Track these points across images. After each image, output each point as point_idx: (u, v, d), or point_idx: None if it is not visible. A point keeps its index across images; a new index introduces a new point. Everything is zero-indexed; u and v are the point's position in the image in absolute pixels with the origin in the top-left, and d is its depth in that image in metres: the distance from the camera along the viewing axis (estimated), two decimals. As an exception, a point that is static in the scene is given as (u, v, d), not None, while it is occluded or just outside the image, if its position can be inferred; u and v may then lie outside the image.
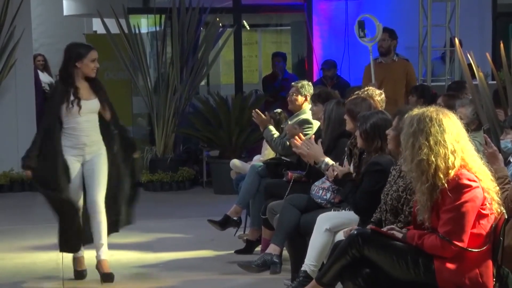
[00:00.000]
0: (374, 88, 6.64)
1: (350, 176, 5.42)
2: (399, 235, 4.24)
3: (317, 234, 5.37)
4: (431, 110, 4.12)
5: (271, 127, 7.27)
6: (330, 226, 5.35)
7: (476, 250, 4.05)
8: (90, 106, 6.12)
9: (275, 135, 7.18)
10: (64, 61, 6.14)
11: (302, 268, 5.36)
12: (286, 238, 5.87)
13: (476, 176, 4.06)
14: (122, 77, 11.86)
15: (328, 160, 5.72)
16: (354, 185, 5.30)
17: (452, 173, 4.02)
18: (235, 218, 7.11)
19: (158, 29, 11.78)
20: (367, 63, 9.30)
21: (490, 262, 4.11)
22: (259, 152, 8.05)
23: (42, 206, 6.40)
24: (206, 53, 10.90)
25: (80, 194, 6.16)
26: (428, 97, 7.96)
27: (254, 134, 10.13)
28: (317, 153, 5.76)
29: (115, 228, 6.36)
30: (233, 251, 7.06)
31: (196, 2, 10.74)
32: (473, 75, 6.77)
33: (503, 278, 4.20)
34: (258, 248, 6.86)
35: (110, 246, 6.25)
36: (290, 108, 7.58)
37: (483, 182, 4.07)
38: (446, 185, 4.01)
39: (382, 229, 4.41)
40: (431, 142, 4.03)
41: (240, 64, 11.90)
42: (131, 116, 12.00)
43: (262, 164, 7.18)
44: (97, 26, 13.79)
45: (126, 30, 10.67)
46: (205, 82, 13.09)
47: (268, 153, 7.65)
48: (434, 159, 4.02)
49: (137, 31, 10.80)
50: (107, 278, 6.12)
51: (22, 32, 10.55)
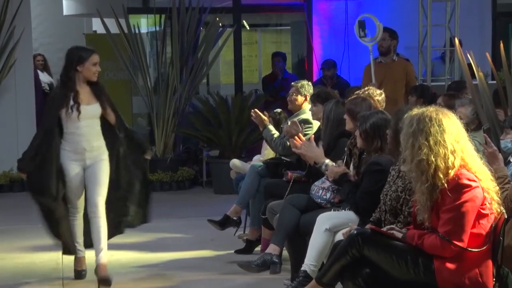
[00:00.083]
0: (374, 88, 6.64)
1: (347, 176, 5.42)
2: (399, 235, 4.24)
3: (317, 234, 5.36)
4: (431, 110, 4.12)
5: (271, 127, 7.24)
6: (330, 226, 5.34)
7: (476, 250, 4.05)
8: (90, 112, 6.02)
9: (275, 135, 7.17)
10: (65, 65, 6.03)
11: (302, 268, 5.35)
12: (286, 238, 5.87)
13: (476, 176, 4.06)
14: (122, 77, 11.86)
15: (328, 161, 5.72)
16: (354, 185, 5.30)
17: (452, 173, 4.02)
18: (235, 218, 7.11)
19: (158, 29, 11.78)
20: (367, 63, 9.31)
21: (490, 262, 4.11)
22: (259, 152, 8.04)
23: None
24: (206, 53, 10.90)
25: (81, 198, 6.13)
26: (427, 97, 7.96)
27: (254, 134, 10.13)
28: (317, 154, 5.77)
29: (119, 229, 6.34)
30: (233, 251, 7.05)
31: (196, 2, 10.74)
32: (473, 75, 6.78)
33: (503, 278, 4.20)
34: (258, 248, 6.86)
35: (110, 246, 6.24)
36: (290, 108, 7.57)
37: (483, 182, 4.07)
38: (446, 185, 4.01)
39: (382, 229, 4.41)
40: (431, 142, 4.03)
41: (240, 64, 11.90)
42: (131, 116, 11.99)
43: (262, 164, 7.17)
44: (97, 26, 13.79)
45: (126, 30, 10.66)
46: (205, 82, 13.09)
47: (268, 153, 7.65)
48: (434, 159, 4.02)
49: (137, 31, 10.80)
50: (104, 283, 6.04)
51: (22, 32, 10.54)
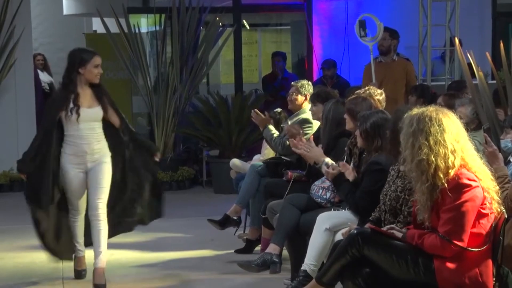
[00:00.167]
0: (374, 87, 6.64)
1: (341, 177, 5.41)
2: (399, 235, 4.24)
3: (317, 233, 5.36)
4: (431, 109, 4.11)
5: (271, 127, 7.24)
6: (330, 225, 5.34)
7: (476, 250, 4.05)
8: (90, 114, 5.94)
9: (275, 135, 7.16)
10: (67, 66, 5.97)
11: (302, 267, 5.35)
12: (286, 237, 5.87)
13: (476, 175, 4.06)
14: (122, 76, 11.85)
15: (328, 160, 5.72)
16: (353, 184, 5.30)
17: (452, 172, 4.02)
18: (235, 218, 7.11)
19: (158, 28, 11.77)
20: (367, 63, 9.31)
21: (490, 262, 4.11)
22: (259, 151, 8.04)
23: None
24: (206, 52, 10.90)
25: (83, 200, 6.09)
26: (427, 96, 7.96)
27: (254, 133, 10.13)
28: (317, 154, 5.77)
29: (127, 227, 6.33)
30: (233, 251, 7.05)
31: (196, 2, 10.73)
32: (473, 75, 6.78)
33: (503, 277, 4.20)
34: (258, 247, 6.86)
35: (110, 246, 6.23)
36: (290, 107, 7.57)
37: (483, 182, 4.07)
38: (446, 184, 4.01)
39: (382, 228, 4.41)
40: (431, 142, 4.03)
41: (240, 63, 11.90)
42: (131, 115, 11.99)
43: (262, 163, 7.17)
44: (97, 25, 13.78)
45: (126, 30, 10.66)
46: (205, 81, 13.09)
47: (268, 152, 7.65)
48: (434, 159, 4.01)
49: (137, 31, 10.80)
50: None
51: (22, 31, 10.54)
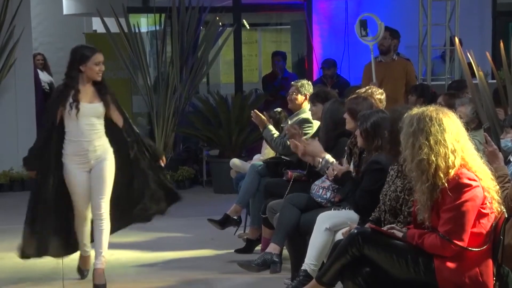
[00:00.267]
0: (375, 87, 6.64)
1: (350, 174, 5.42)
2: (399, 234, 4.24)
3: (317, 233, 5.36)
4: (431, 109, 4.11)
5: (271, 127, 7.23)
6: (330, 225, 5.34)
7: (476, 249, 4.04)
8: (90, 110, 5.90)
9: (275, 135, 7.16)
10: (68, 64, 5.96)
11: (302, 267, 5.36)
12: (286, 237, 5.87)
13: (476, 175, 4.06)
14: (121, 76, 11.85)
15: (328, 157, 5.73)
16: (354, 184, 5.30)
17: (452, 172, 4.02)
18: (235, 217, 7.11)
19: (158, 28, 11.77)
20: (367, 62, 9.30)
21: (490, 261, 4.11)
22: (259, 151, 8.04)
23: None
24: (206, 52, 10.89)
25: (87, 203, 6.02)
26: (427, 96, 7.96)
27: (254, 133, 10.12)
28: (316, 149, 5.78)
29: (143, 218, 6.30)
30: (233, 250, 7.05)
31: (196, 1, 10.72)
32: (473, 74, 6.78)
33: (503, 277, 4.20)
34: (258, 247, 6.86)
35: (110, 246, 6.21)
36: (290, 107, 7.56)
37: (483, 181, 4.07)
38: (446, 184, 4.01)
39: (382, 228, 4.41)
40: (431, 141, 4.03)
41: (240, 63, 11.89)
42: (131, 115, 11.97)
43: (262, 163, 7.17)
44: (96, 25, 13.77)
45: (126, 29, 10.65)
46: (205, 81, 13.09)
47: (268, 152, 7.64)
48: (434, 159, 4.01)
49: (136, 30, 10.79)
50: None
51: (22, 31, 10.53)
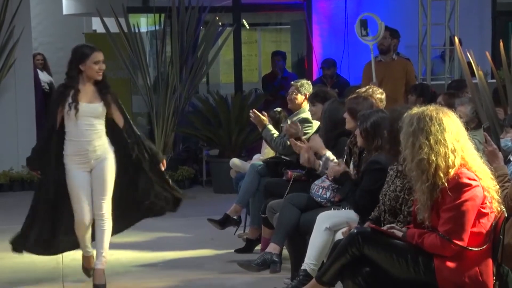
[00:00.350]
0: (375, 86, 6.64)
1: (347, 175, 5.42)
2: (399, 234, 4.23)
3: (317, 233, 5.36)
4: (431, 109, 4.11)
5: (270, 127, 7.21)
6: (330, 225, 5.34)
7: (476, 249, 4.04)
8: (89, 110, 5.85)
9: (275, 135, 7.15)
10: (68, 64, 5.93)
11: (302, 267, 5.35)
12: (286, 237, 5.87)
13: (476, 174, 4.06)
14: (121, 76, 11.83)
15: (329, 154, 5.74)
16: (354, 183, 5.30)
17: (452, 172, 4.02)
18: (235, 217, 7.11)
19: (157, 28, 11.77)
20: (366, 62, 9.30)
21: (490, 261, 4.10)
22: (259, 151, 8.04)
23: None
24: (205, 52, 10.88)
25: (88, 206, 5.96)
26: (427, 96, 7.96)
27: (254, 133, 10.11)
28: (318, 144, 5.80)
29: (158, 212, 6.34)
30: (233, 250, 7.06)
31: (195, 1, 10.71)
32: (472, 74, 6.78)
33: (503, 276, 4.20)
34: (258, 247, 6.86)
35: (110, 246, 6.20)
36: (289, 107, 7.56)
37: (483, 181, 4.07)
38: (446, 184, 4.01)
39: (382, 227, 4.41)
40: (432, 141, 4.02)
41: (239, 63, 11.89)
42: (131, 115, 11.96)
43: (261, 163, 7.17)
44: (96, 25, 13.78)
45: (126, 29, 10.64)
46: (204, 81, 13.08)
47: (267, 152, 7.64)
48: (434, 158, 4.01)
49: (136, 30, 10.78)
50: None
51: (22, 31, 10.53)
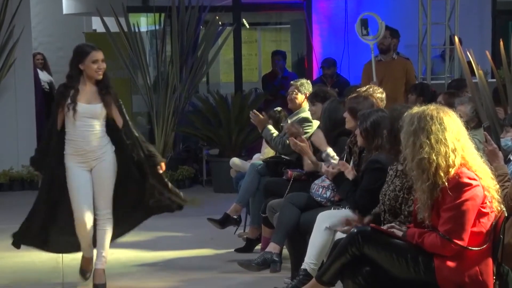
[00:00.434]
0: (375, 86, 6.64)
1: (343, 176, 5.41)
2: (399, 233, 4.23)
3: (317, 232, 5.36)
4: (432, 108, 4.11)
5: (270, 127, 7.22)
6: (330, 224, 5.33)
7: (476, 249, 4.04)
8: (88, 110, 5.81)
9: (274, 134, 7.15)
10: (69, 63, 5.91)
11: (302, 266, 5.35)
12: (286, 236, 5.87)
13: (476, 174, 4.06)
14: (121, 75, 11.83)
15: (330, 150, 5.75)
16: (353, 183, 5.29)
17: (452, 171, 4.02)
18: (235, 217, 7.11)
19: (157, 27, 11.76)
20: (366, 61, 9.30)
21: (490, 260, 4.10)
22: (259, 150, 8.03)
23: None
24: (205, 51, 10.88)
25: (89, 207, 5.91)
26: (427, 95, 7.96)
27: (254, 132, 10.10)
28: (320, 140, 5.84)
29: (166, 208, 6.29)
30: (233, 250, 7.05)
31: (195, 1, 10.71)
32: (472, 73, 6.78)
33: (503, 276, 4.20)
34: (258, 246, 6.86)
35: (110, 245, 6.21)
36: (289, 106, 7.56)
37: (483, 180, 4.07)
38: (446, 183, 4.00)
39: (382, 227, 4.41)
40: (432, 140, 4.02)
41: (239, 62, 11.89)
42: (131, 114, 11.95)
43: (261, 162, 7.17)
44: (96, 24, 13.77)
45: (126, 29, 10.64)
46: (204, 80, 13.08)
47: (268, 151, 7.64)
48: (435, 158, 4.01)
49: (136, 30, 10.78)
50: None
51: (22, 30, 10.52)
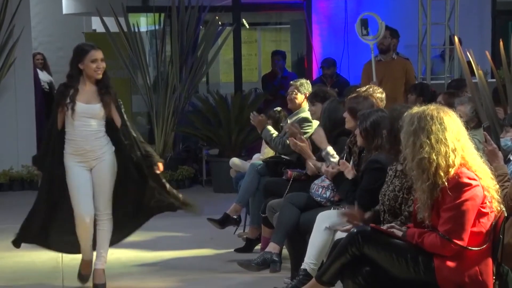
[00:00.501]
0: (375, 86, 6.64)
1: (342, 176, 5.41)
2: (399, 233, 4.23)
3: (316, 232, 5.36)
4: (432, 108, 4.11)
5: (269, 127, 7.22)
6: (330, 224, 5.33)
7: (476, 249, 4.04)
8: (86, 110, 5.79)
9: (274, 135, 7.16)
10: (69, 63, 5.90)
11: (302, 266, 5.35)
12: (286, 236, 5.87)
13: (476, 174, 4.06)
14: (121, 75, 11.83)
15: (330, 149, 5.75)
16: (353, 183, 5.30)
17: (452, 171, 4.02)
18: (235, 217, 7.11)
19: (157, 27, 11.76)
20: (366, 61, 9.30)
21: (490, 260, 4.10)
22: (259, 150, 8.04)
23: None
24: (205, 51, 10.89)
25: (89, 206, 5.90)
26: (427, 95, 7.96)
27: (254, 132, 10.09)
28: (321, 138, 5.84)
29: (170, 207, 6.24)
30: (232, 250, 7.05)
31: (195, 1, 10.72)
32: (472, 73, 6.78)
33: (503, 276, 4.20)
34: (258, 246, 6.86)
35: (110, 245, 6.23)
36: (289, 106, 7.56)
37: (483, 180, 4.07)
38: (446, 183, 4.00)
39: (382, 227, 4.41)
40: (432, 140, 4.02)
41: (239, 62, 11.89)
42: (131, 114, 11.97)
43: (261, 162, 7.17)
44: (96, 24, 13.78)
45: (126, 29, 10.64)
46: (204, 80, 13.08)
47: (267, 151, 7.64)
48: (435, 157, 4.01)
49: (136, 30, 10.78)
50: None
51: (21, 30, 10.52)
